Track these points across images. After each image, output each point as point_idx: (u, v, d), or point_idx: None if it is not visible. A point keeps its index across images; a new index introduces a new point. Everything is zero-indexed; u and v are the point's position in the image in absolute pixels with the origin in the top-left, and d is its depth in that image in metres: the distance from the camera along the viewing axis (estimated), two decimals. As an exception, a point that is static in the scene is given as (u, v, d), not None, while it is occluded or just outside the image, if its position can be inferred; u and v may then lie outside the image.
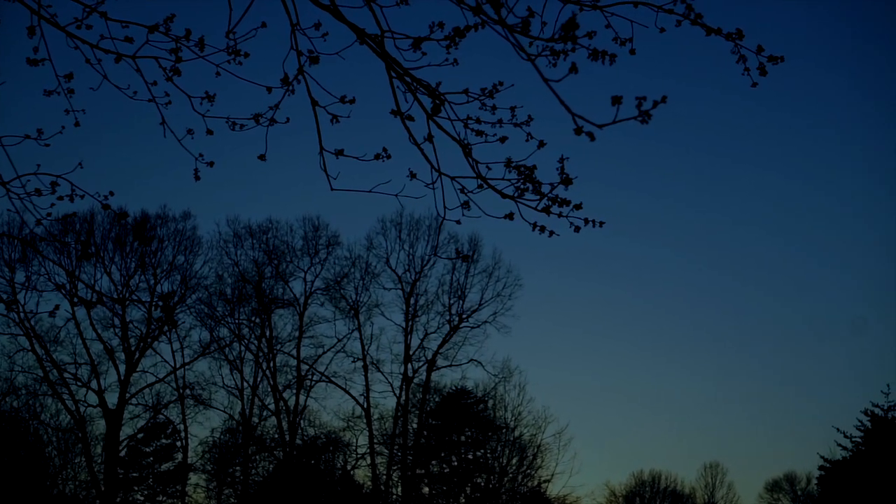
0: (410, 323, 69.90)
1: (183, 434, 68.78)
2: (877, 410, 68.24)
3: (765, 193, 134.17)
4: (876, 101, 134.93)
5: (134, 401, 66.11)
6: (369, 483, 70.91)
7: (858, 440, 68.29)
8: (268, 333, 69.11)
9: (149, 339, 65.81)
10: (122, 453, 67.37)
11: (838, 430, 69.73)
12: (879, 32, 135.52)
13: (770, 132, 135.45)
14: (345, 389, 69.62)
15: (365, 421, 69.71)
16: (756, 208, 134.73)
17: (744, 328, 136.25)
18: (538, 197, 9.12)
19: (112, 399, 64.62)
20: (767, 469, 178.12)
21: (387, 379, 70.34)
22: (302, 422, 70.11)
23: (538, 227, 9.30)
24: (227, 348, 68.85)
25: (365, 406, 69.45)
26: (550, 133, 9.01)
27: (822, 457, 71.43)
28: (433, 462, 73.84)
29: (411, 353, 69.56)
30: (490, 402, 74.44)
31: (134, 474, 70.43)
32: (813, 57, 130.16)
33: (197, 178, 10.69)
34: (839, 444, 69.59)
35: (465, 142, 9.14)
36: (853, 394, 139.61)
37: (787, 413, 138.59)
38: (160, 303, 65.43)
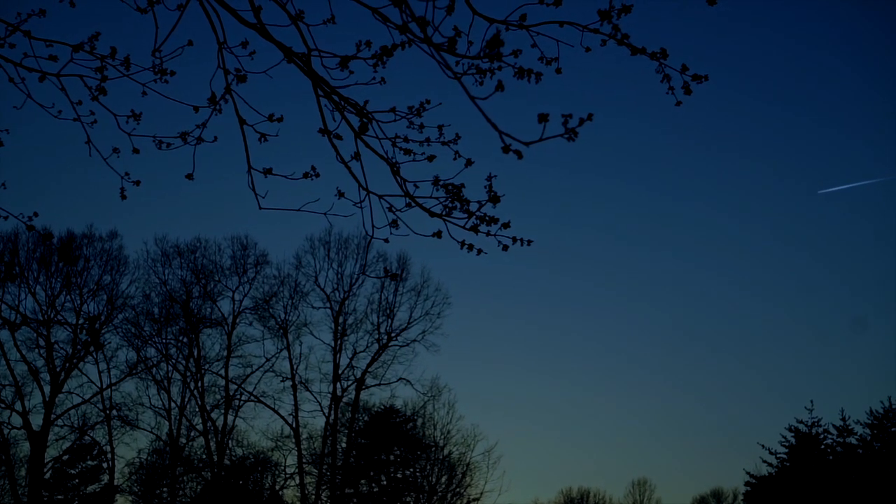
0: (339, 342, 69.79)
1: (109, 455, 68.13)
2: (801, 426, 69.07)
3: (686, 219, 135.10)
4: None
5: (59, 422, 65.33)
6: (298, 503, 70.58)
7: (783, 456, 69.03)
8: (196, 353, 68.67)
9: (74, 360, 65.08)
10: (47, 475, 66.54)
11: (763, 446, 70.55)
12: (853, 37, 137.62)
13: (691, 153, 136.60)
14: (273, 409, 69.42)
15: (294, 441, 69.50)
16: (686, 229, 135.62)
17: (671, 345, 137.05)
18: (466, 215, 9.16)
19: (37, 421, 63.89)
20: (695, 485, 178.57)
21: (315, 398, 70.18)
22: (230, 442, 69.72)
23: (466, 246, 9.35)
24: (154, 368, 68.42)
25: (294, 426, 69.25)
26: (479, 151, 9.06)
27: (747, 472, 72.16)
28: (362, 482, 73.52)
29: (340, 372, 69.42)
30: (419, 421, 74.40)
31: (59, 497, 69.59)
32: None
33: (123, 197, 10.57)
34: (764, 461, 70.31)
35: (394, 160, 9.16)
36: (779, 410, 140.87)
37: (714, 429, 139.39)
38: (86, 325, 64.73)
